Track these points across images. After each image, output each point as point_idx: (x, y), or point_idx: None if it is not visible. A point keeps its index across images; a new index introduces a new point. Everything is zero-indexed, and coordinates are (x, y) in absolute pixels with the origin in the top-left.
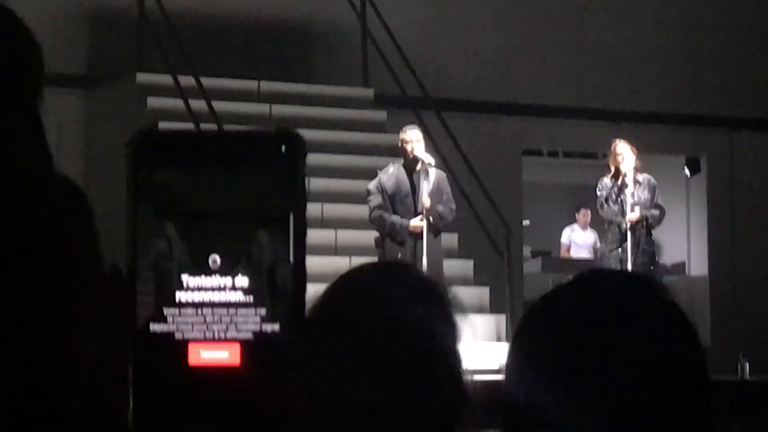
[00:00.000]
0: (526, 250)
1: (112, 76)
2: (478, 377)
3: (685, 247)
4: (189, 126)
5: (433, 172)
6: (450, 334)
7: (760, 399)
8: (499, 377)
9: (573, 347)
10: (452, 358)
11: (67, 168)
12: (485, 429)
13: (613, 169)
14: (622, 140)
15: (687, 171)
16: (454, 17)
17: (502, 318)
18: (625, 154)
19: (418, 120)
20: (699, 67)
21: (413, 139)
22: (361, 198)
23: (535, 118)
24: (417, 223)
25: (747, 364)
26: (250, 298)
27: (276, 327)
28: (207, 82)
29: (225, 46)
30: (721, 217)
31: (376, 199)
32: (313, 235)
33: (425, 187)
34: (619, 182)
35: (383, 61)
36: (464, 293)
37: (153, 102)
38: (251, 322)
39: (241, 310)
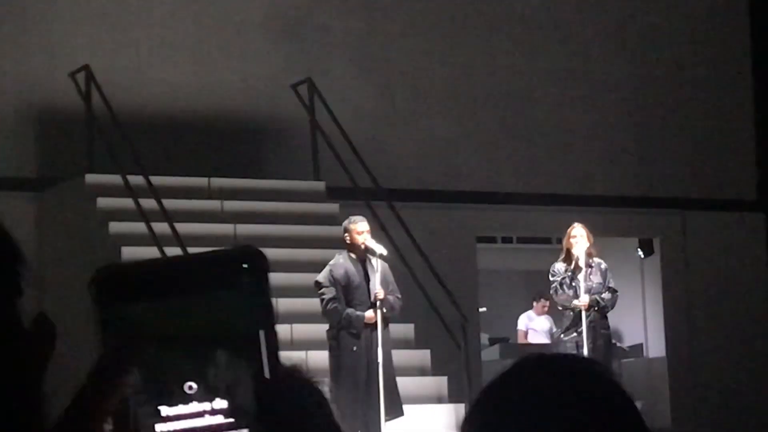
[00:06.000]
0: (484, 338)
1: (62, 178)
2: None
3: (642, 328)
4: (152, 251)
5: (379, 263)
6: (321, 404)
7: None
8: None
9: None
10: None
11: None
12: None
13: (565, 251)
14: (579, 224)
15: (640, 253)
16: (402, 108)
17: (462, 407)
18: (579, 237)
19: (369, 211)
20: (648, 149)
21: (365, 230)
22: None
23: (487, 205)
24: (371, 314)
25: None
26: (231, 420)
27: None
28: (156, 180)
29: (173, 144)
30: (677, 297)
31: (329, 292)
32: None
33: (377, 278)
34: (572, 266)
35: (333, 154)
36: (422, 384)
37: (103, 202)
38: None
39: None
